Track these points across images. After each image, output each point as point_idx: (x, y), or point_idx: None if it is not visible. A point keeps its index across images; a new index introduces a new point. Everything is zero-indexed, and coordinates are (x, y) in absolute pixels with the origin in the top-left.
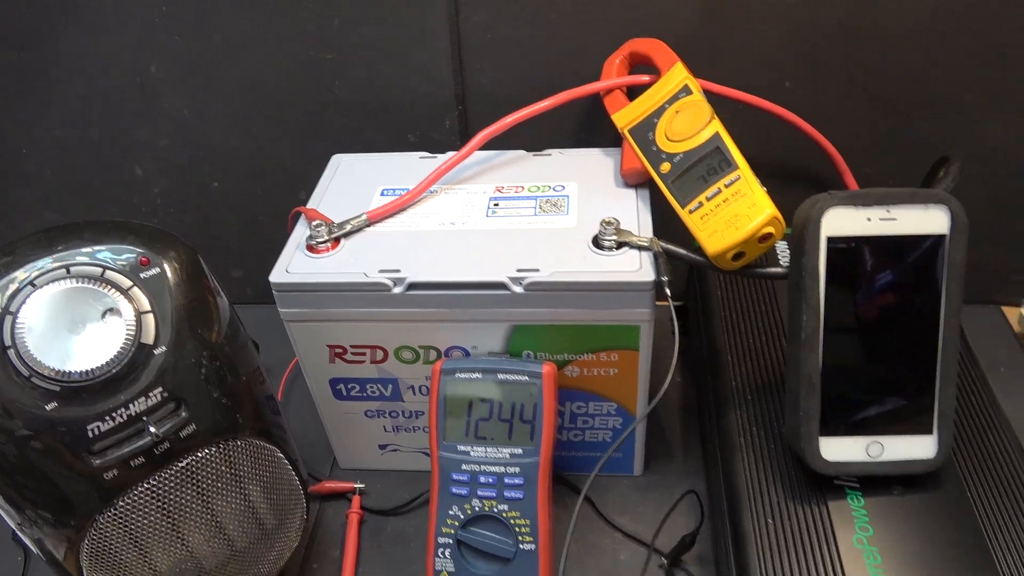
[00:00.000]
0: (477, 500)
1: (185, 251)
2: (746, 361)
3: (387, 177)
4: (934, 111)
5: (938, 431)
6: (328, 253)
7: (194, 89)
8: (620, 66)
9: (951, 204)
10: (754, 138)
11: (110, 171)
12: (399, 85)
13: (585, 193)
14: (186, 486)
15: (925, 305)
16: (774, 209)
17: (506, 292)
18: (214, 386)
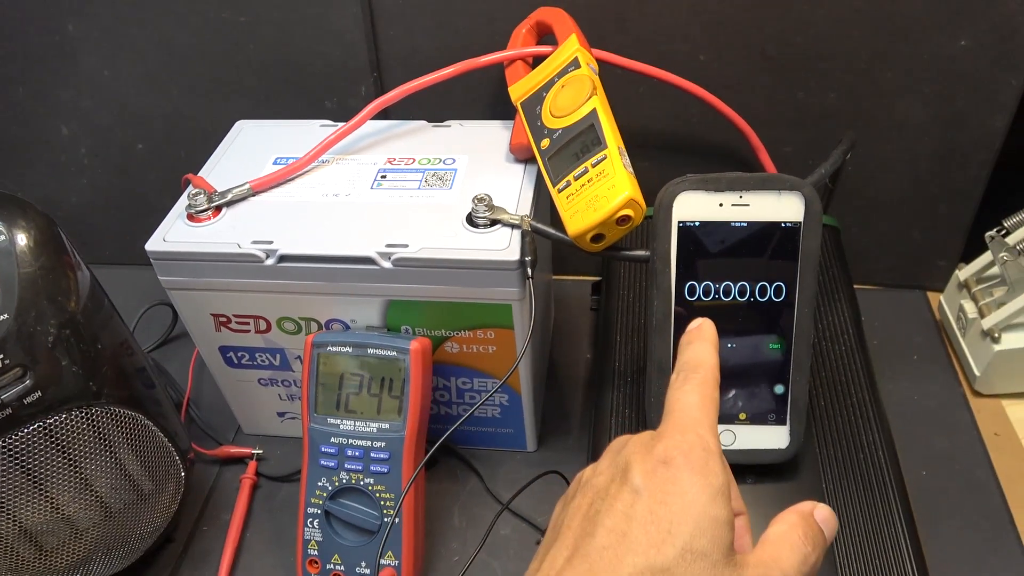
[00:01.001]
0: (344, 473)
1: (38, 220)
2: (632, 342)
3: (283, 145)
4: (850, 88)
5: (791, 422)
6: (208, 222)
7: (111, 50)
8: (527, 35)
9: (805, 191)
10: (671, 113)
11: (36, 130)
12: (314, 50)
13: (474, 167)
14: (49, 448)
15: (778, 293)
16: (633, 191)
17: (375, 267)
18: (63, 354)
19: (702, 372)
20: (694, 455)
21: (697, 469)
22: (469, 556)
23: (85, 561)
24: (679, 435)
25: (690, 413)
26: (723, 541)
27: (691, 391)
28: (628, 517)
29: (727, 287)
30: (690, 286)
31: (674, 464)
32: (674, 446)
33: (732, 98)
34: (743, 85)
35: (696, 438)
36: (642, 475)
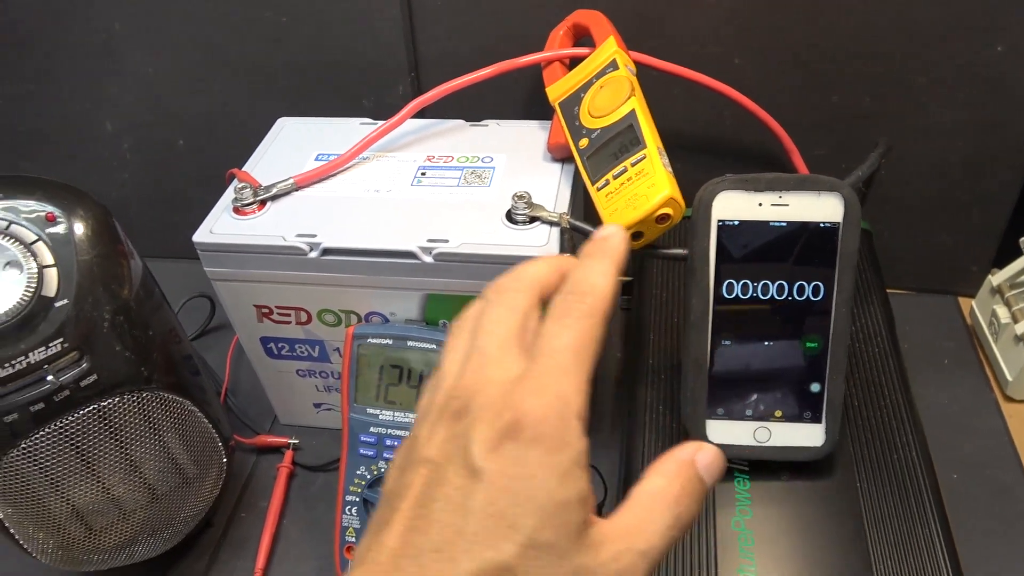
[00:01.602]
0: (383, 462)
1: (95, 209)
2: (667, 339)
3: (325, 142)
4: (882, 92)
5: (826, 420)
6: (253, 215)
7: (155, 48)
8: (564, 37)
9: (844, 192)
10: (704, 115)
11: (81, 126)
12: (353, 50)
13: (512, 166)
14: (102, 431)
15: (816, 293)
16: (673, 190)
17: (416, 261)
18: (116, 340)
19: (589, 301)
20: (548, 425)
21: (548, 443)
22: None
23: (131, 542)
24: (535, 395)
25: (558, 359)
26: (572, 524)
27: (568, 327)
28: (465, 509)
29: (765, 286)
30: (728, 284)
31: (522, 437)
32: (527, 411)
33: (765, 100)
34: (776, 88)
35: (554, 400)
36: (484, 453)
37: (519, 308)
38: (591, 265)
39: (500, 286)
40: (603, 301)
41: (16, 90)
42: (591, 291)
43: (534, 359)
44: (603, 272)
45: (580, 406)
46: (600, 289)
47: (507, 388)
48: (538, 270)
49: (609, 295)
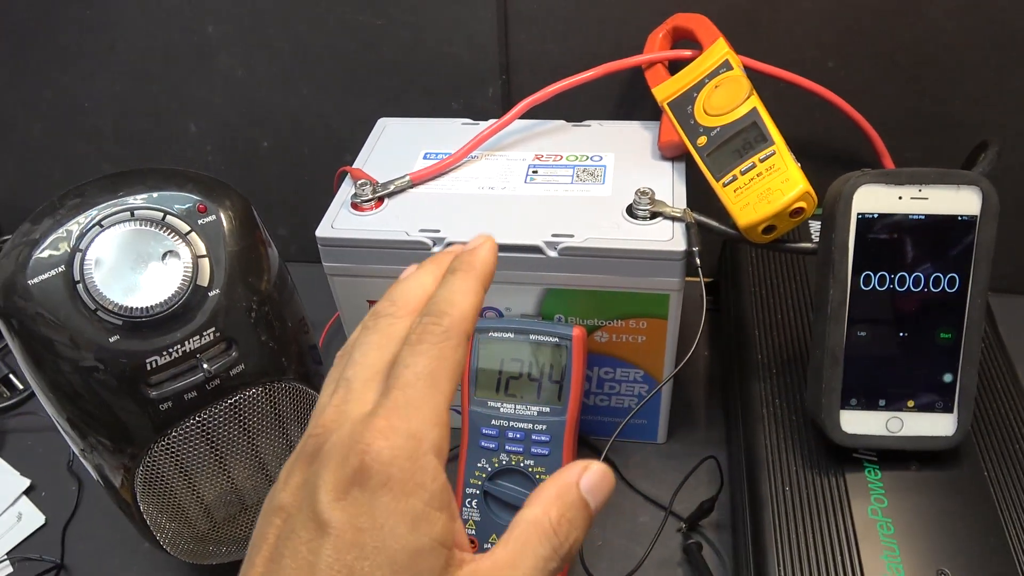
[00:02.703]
0: (505, 454)
1: (239, 201)
2: (772, 335)
3: (430, 141)
4: (976, 96)
5: (959, 410)
6: (372, 212)
7: (248, 50)
8: (663, 40)
9: (983, 185)
10: (795, 117)
11: (166, 126)
12: (444, 52)
13: (621, 164)
14: (232, 422)
15: (952, 284)
16: (807, 184)
17: (541, 256)
18: (262, 330)
19: (445, 323)
20: (396, 467)
21: (398, 488)
22: (610, 542)
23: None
24: (383, 435)
25: (409, 392)
26: (429, 572)
27: (421, 354)
28: (312, 567)
29: (902, 278)
30: (865, 276)
31: (369, 484)
32: (374, 453)
33: (857, 103)
34: (870, 91)
35: (403, 440)
36: (331, 502)
37: (393, 335)
38: (451, 283)
39: (376, 310)
40: (461, 321)
41: (106, 90)
42: (448, 311)
43: (387, 393)
44: (463, 290)
45: (435, 441)
46: (458, 308)
47: (358, 427)
48: (411, 289)
49: (468, 313)
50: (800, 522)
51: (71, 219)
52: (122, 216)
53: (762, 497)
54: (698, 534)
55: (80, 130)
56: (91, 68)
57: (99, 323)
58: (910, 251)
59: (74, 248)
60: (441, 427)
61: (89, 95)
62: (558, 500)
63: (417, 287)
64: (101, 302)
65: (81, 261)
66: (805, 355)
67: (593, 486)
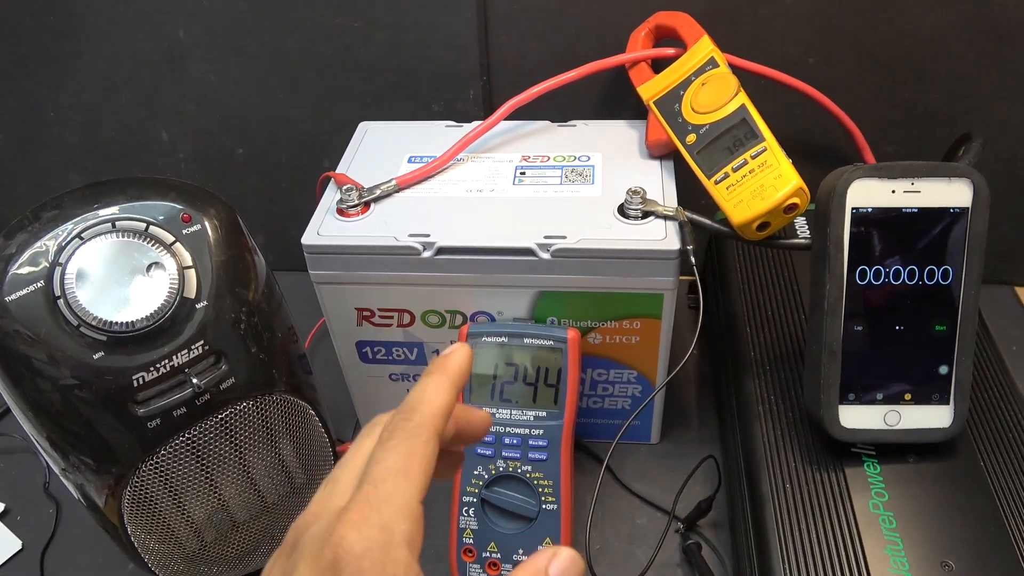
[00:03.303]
0: (502, 461)
1: (224, 209)
2: (764, 331)
3: (414, 145)
4: (954, 89)
5: (954, 401)
6: (358, 217)
7: (221, 55)
8: (645, 38)
9: (974, 178)
10: (776, 113)
11: (136, 135)
12: (424, 54)
13: (610, 163)
14: (222, 438)
15: (945, 277)
16: (800, 180)
17: (533, 258)
18: (251, 341)
19: (416, 419)
20: (368, 559)
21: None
22: (611, 546)
23: (247, 553)
24: (355, 528)
25: (381, 486)
26: None
27: (391, 450)
28: None
29: (896, 271)
30: (861, 270)
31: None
32: (348, 547)
33: (838, 98)
34: (850, 86)
35: (375, 532)
36: None
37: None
38: (423, 382)
39: (376, 419)
40: (431, 417)
41: (73, 99)
42: (418, 407)
43: (359, 488)
44: (434, 387)
45: (406, 533)
46: (428, 405)
47: (333, 520)
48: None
49: (438, 410)
50: (802, 519)
51: (48, 232)
52: (103, 228)
53: (763, 495)
54: (696, 534)
55: (46, 140)
56: (56, 76)
57: (82, 339)
58: (904, 244)
59: (53, 262)
60: (412, 520)
61: (55, 104)
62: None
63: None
64: (84, 318)
65: (61, 276)
66: (797, 351)
67: (562, 572)
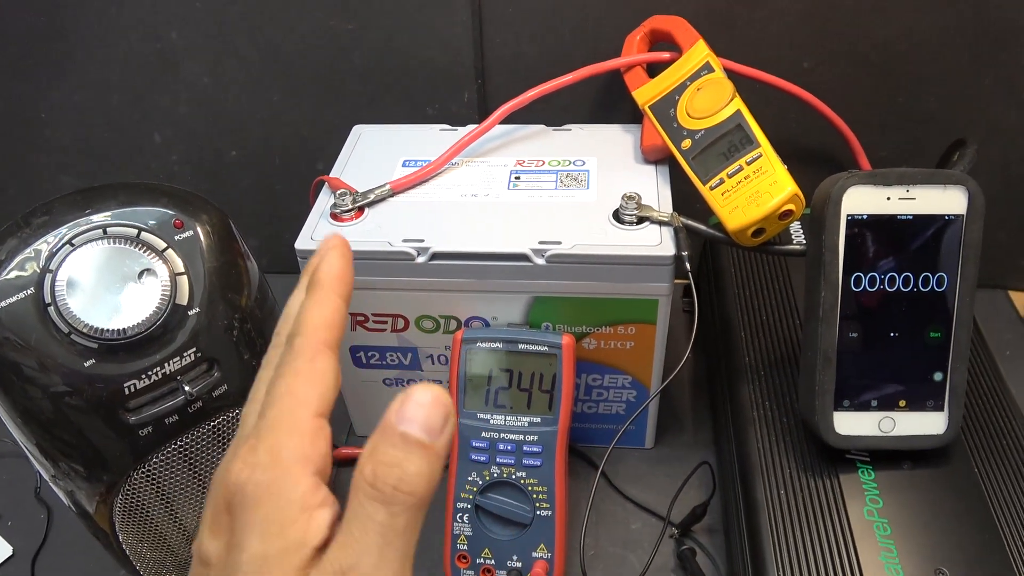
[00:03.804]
0: (496, 467)
1: (216, 214)
2: (758, 337)
3: (408, 148)
4: (949, 94)
5: (949, 408)
6: (352, 222)
7: (214, 57)
8: (641, 42)
9: (969, 185)
10: (770, 117)
11: (128, 137)
12: (419, 57)
13: (605, 168)
14: (214, 445)
15: (940, 283)
16: (795, 187)
17: (528, 264)
18: (244, 348)
19: (295, 345)
20: (252, 484)
21: (254, 503)
22: (605, 551)
23: None
24: (243, 461)
25: (271, 412)
26: (284, 571)
27: (280, 376)
28: None
29: (891, 278)
30: (856, 277)
31: (234, 509)
32: (235, 479)
33: (833, 102)
34: (845, 90)
35: (262, 457)
36: (208, 539)
37: (272, 363)
38: (301, 303)
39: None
40: (313, 333)
41: (65, 100)
42: (298, 331)
43: (257, 422)
44: (312, 304)
45: (295, 450)
46: (309, 323)
47: (228, 460)
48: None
49: (320, 324)
50: (796, 525)
51: (39, 238)
52: (94, 234)
53: (757, 501)
54: (691, 539)
55: (37, 142)
56: (48, 77)
57: (73, 347)
58: (899, 251)
59: (44, 269)
60: (302, 436)
61: (46, 105)
62: (372, 452)
63: (293, 308)
64: (75, 325)
65: (52, 282)
66: (792, 356)
67: (410, 417)
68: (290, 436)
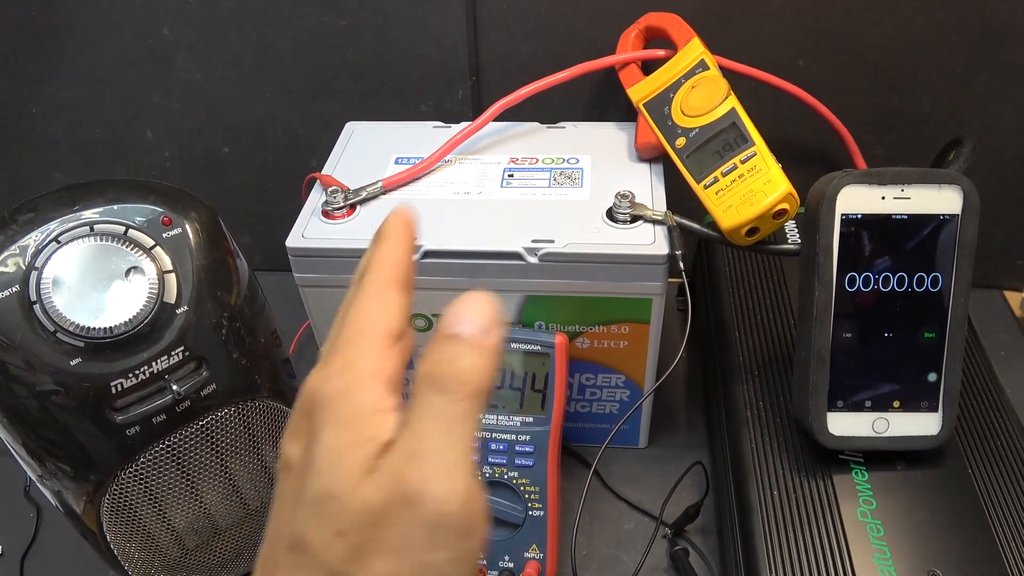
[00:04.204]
0: (488, 467)
1: (206, 212)
2: (753, 336)
3: (401, 145)
4: (945, 93)
5: (943, 409)
6: (344, 219)
7: (207, 53)
8: (635, 40)
9: (964, 184)
10: (765, 115)
11: (121, 133)
12: (412, 54)
13: (599, 166)
14: (204, 445)
15: (935, 284)
16: (789, 186)
17: (521, 262)
18: (233, 347)
19: (365, 279)
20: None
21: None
22: (598, 551)
23: (230, 560)
24: (320, 375)
25: (344, 334)
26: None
27: (354, 304)
28: (282, 499)
29: (886, 278)
30: (850, 277)
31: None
32: (313, 390)
33: (828, 101)
34: (840, 89)
35: (338, 370)
36: (288, 444)
37: None
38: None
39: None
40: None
41: (56, 96)
42: (367, 268)
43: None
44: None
45: (372, 366)
46: (379, 256)
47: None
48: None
49: (382, 262)
50: (789, 526)
51: (24, 235)
52: (81, 231)
53: (750, 502)
54: (683, 539)
55: (28, 138)
56: (40, 73)
57: (59, 345)
58: (894, 251)
59: (29, 266)
60: (377, 353)
61: (37, 101)
62: (429, 352)
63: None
64: (60, 323)
65: (37, 280)
66: (786, 356)
67: (460, 319)
68: (361, 350)
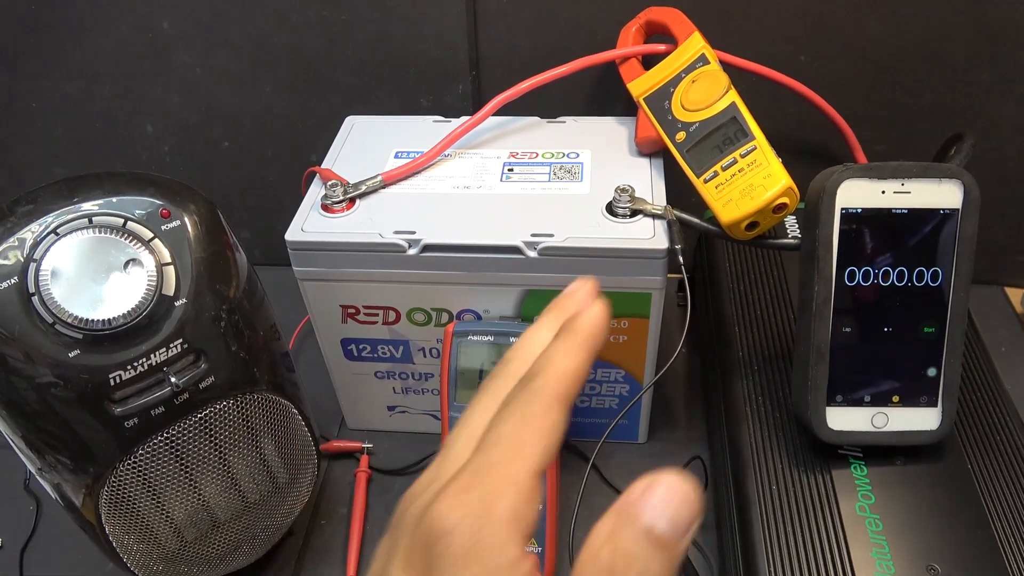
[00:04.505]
0: None
1: (204, 205)
2: (753, 331)
3: (401, 140)
4: (946, 88)
5: (943, 403)
6: (343, 213)
7: (206, 47)
8: (636, 34)
9: (964, 179)
10: (766, 111)
11: (120, 127)
12: (412, 48)
13: (599, 161)
14: (203, 438)
15: (935, 278)
16: (789, 180)
17: (520, 256)
18: (232, 340)
19: (535, 384)
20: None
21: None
22: None
23: (227, 553)
24: (451, 502)
25: (491, 454)
26: None
27: (508, 417)
28: None
29: (886, 272)
30: (850, 271)
31: (435, 552)
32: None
33: (829, 97)
34: (841, 84)
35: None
36: (400, 573)
37: (499, 396)
38: (553, 344)
39: (495, 371)
40: (554, 383)
41: (55, 90)
42: (541, 371)
43: (471, 458)
44: (563, 350)
45: (509, 507)
46: (552, 370)
47: (437, 492)
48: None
49: (563, 373)
50: (788, 521)
51: (23, 227)
52: (79, 223)
53: (749, 496)
54: None
55: (27, 132)
56: (38, 67)
57: (57, 337)
58: (893, 245)
59: (27, 258)
60: (519, 494)
61: (37, 95)
62: (611, 536)
63: (534, 343)
64: (59, 315)
65: (36, 272)
66: (786, 351)
67: (660, 510)
68: (508, 488)
